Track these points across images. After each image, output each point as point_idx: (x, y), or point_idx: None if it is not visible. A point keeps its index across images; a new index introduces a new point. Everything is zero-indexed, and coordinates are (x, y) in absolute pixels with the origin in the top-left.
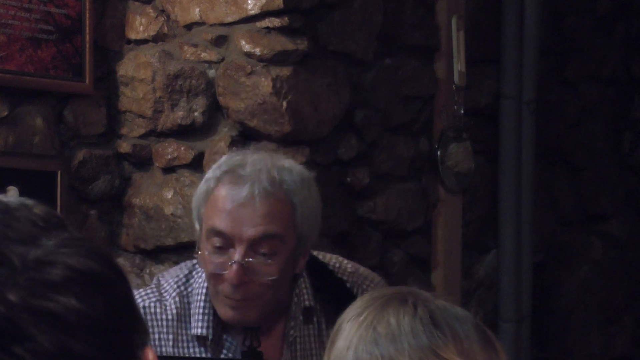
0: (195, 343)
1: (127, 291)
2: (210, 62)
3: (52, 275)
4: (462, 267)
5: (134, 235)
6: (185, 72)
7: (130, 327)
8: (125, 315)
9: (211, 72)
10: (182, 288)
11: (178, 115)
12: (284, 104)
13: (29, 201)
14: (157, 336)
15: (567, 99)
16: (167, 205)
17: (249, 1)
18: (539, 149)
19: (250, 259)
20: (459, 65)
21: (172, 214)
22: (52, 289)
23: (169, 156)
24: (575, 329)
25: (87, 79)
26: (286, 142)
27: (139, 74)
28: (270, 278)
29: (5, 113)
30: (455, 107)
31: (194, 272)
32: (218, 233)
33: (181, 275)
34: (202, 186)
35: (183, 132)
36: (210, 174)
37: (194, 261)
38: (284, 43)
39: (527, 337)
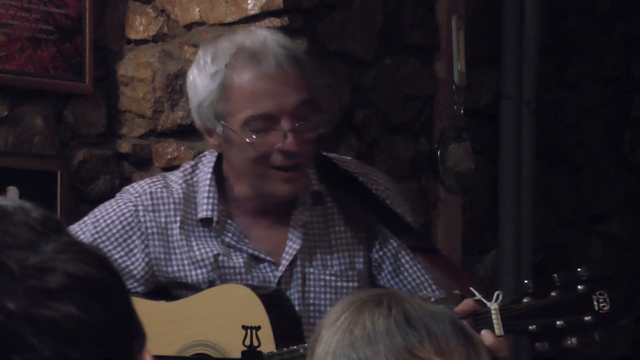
0: (201, 226)
1: (125, 295)
2: None
3: (51, 282)
4: (462, 267)
5: None
6: (185, 72)
7: (129, 332)
8: (124, 320)
9: None
10: (189, 177)
11: (178, 115)
12: None
13: (26, 204)
14: (163, 219)
15: (567, 99)
16: None
17: (249, 1)
18: (539, 149)
19: (298, 124)
20: (459, 65)
21: None
22: (51, 296)
23: (169, 156)
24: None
25: (87, 79)
26: None
27: (139, 74)
28: (320, 131)
29: (5, 113)
30: (455, 107)
31: (199, 164)
32: (260, 117)
33: (187, 166)
34: (207, 83)
35: (183, 132)
36: (212, 67)
37: (200, 156)
38: None
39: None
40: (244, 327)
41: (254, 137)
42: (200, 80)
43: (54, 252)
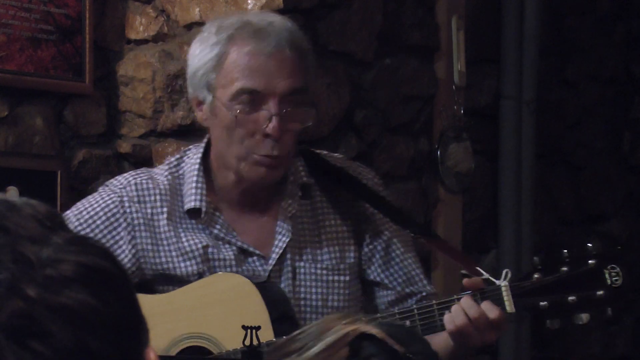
0: (188, 218)
1: (132, 288)
2: None
3: (66, 272)
4: (462, 267)
5: None
6: (185, 72)
7: (138, 324)
8: (133, 312)
9: None
10: (174, 169)
11: (178, 115)
12: None
13: (32, 201)
14: (150, 210)
15: (567, 99)
16: None
17: (249, 1)
18: (539, 149)
19: (285, 110)
20: (459, 65)
21: None
22: (68, 285)
23: (169, 156)
24: (575, 329)
25: (87, 79)
26: None
27: (139, 74)
28: (306, 124)
29: (5, 113)
30: (455, 107)
31: (184, 157)
32: (249, 91)
33: (172, 159)
34: (204, 54)
35: (183, 132)
36: (212, 38)
37: (185, 150)
38: None
39: (527, 337)
40: (243, 327)
41: (238, 112)
42: (200, 50)
43: (64, 244)
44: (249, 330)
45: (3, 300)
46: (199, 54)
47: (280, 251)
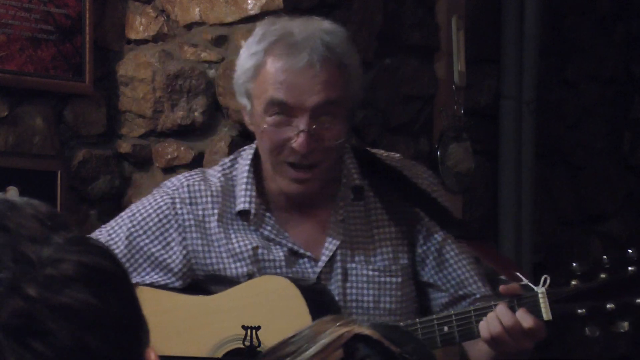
0: (239, 219)
1: (132, 288)
2: (210, 62)
3: (66, 271)
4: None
5: None
6: (185, 72)
7: (138, 324)
8: (134, 312)
9: (211, 72)
10: (227, 171)
11: (178, 115)
12: None
13: (33, 201)
14: (201, 212)
15: (567, 99)
16: None
17: (249, 1)
18: (539, 149)
19: (315, 126)
20: (459, 65)
21: None
22: (68, 285)
23: (169, 156)
24: (575, 329)
25: (87, 79)
26: None
27: (139, 74)
28: (337, 141)
29: (5, 113)
30: (455, 107)
31: (238, 158)
32: (279, 104)
33: (226, 160)
34: (246, 61)
35: (183, 132)
36: (255, 47)
37: (239, 150)
38: None
39: None
40: (243, 327)
41: (269, 124)
42: (243, 57)
43: (66, 244)
44: (248, 330)
45: (3, 300)
46: (242, 61)
47: (330, 253)
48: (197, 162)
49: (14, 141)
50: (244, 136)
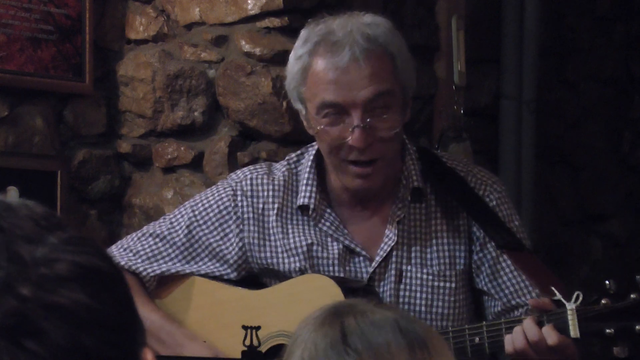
0: (300, 214)
1: (128, 288)
2: (210, 62)
3: (61, 271)
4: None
5: None
6: (185, 72)
7: (133, 324)
8: (129, 311)
9: (211, 72)
10: (293, 165)
11: (178, 115)
12: (284, 104)
13: (29, 202)
14: (261, 205)
15: (567, 99)
16: (167, 205)
17: (249, 1)
18: (539, 149)
19: (369, 120)
20: (459, 65)
21: None
22: (62, 284)
23: (169, 156)
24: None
25: (87, 79)
26: (286, 142)
27: (139, 74)
28: (392, 132)
29: (5, 113)
30: (455, 107)
31: (304, 154)
32: (330, 105)
33: (292, 155)
34: (294, 65)
35: (183, 132)
36: (300, 50)
37: (307, 146)
38: (284, 43)
39: None
40: (243, 327)
41: (323, 125)
42: (291, 63)
43: (60, 244)
44: (248, 330)
45: None
46: (290, 66)
47: (385, 254)
48: (197, 162)
49: (14, 141)
50: (244, 136)
